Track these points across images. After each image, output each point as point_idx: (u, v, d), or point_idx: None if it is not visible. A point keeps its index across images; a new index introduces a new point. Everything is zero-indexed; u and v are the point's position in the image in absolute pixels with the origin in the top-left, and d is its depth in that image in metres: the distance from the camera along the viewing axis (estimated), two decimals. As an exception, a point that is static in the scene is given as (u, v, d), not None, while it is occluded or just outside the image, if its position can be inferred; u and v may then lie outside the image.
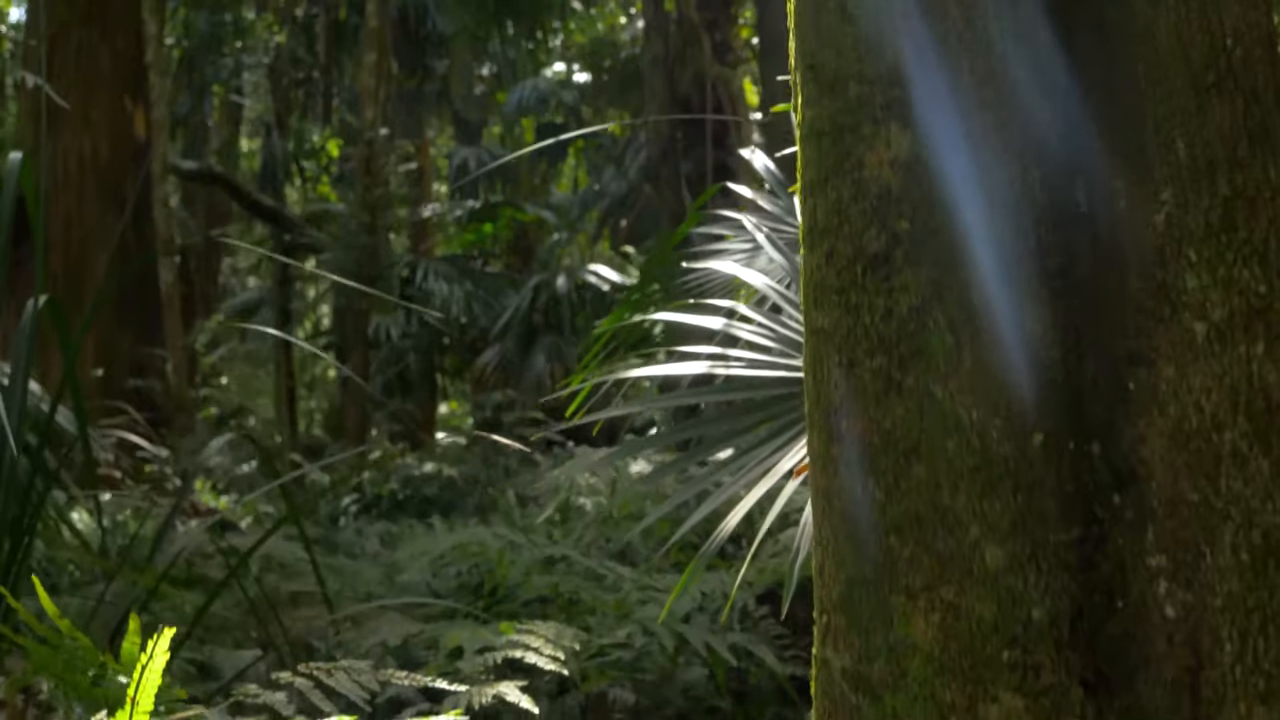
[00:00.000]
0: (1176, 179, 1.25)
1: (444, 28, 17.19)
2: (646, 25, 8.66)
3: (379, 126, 10.98)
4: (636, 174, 13.83)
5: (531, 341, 12.29)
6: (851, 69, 1.33)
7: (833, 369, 1.33)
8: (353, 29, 17.90)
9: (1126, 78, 1.28)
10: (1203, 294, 1.23)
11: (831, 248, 1.34)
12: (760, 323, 2.47)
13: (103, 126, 11.60)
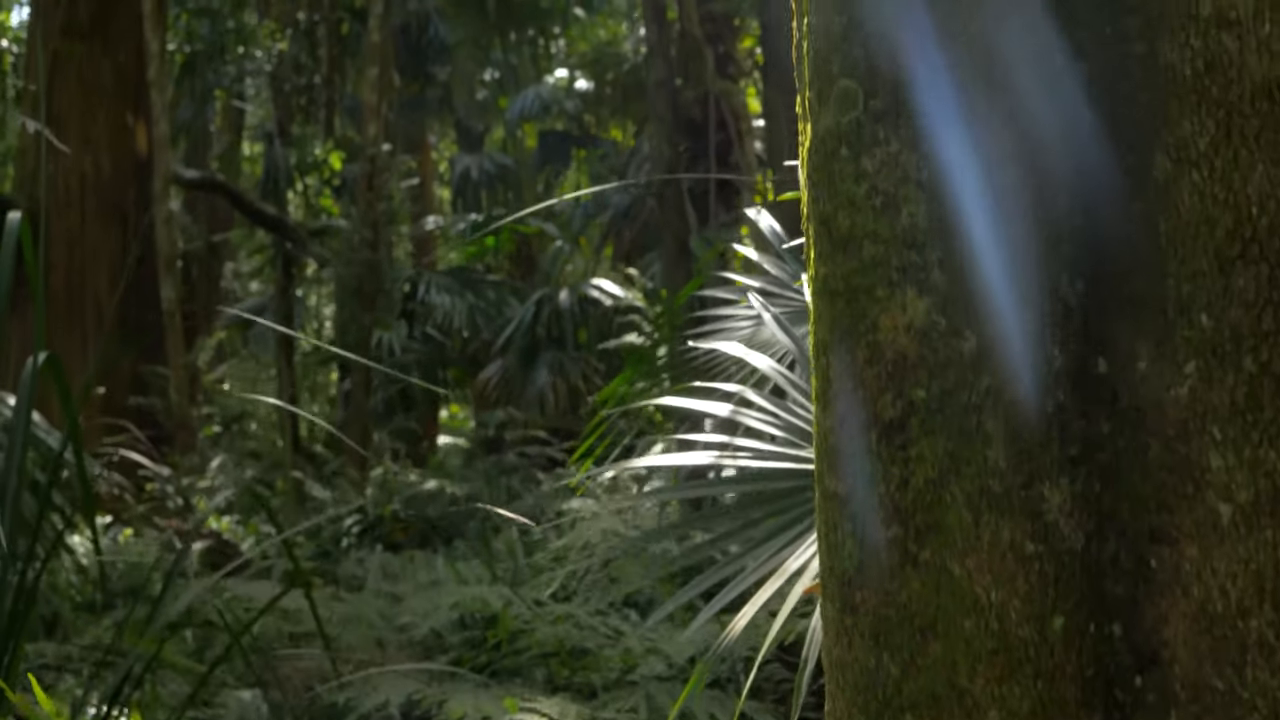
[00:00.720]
0: (1200, 352, 1.22)
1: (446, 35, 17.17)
2: (649, 48, 8.63)
3: (381, 142, 10.94)
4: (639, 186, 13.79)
5: (533, 356, 12.27)
6: (866, 228, 1.30)
7: (846, 537, 1.30)
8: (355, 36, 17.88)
9: (1148, 236, 1.25)
10: (1228, 474, 1.20)
11: (846, 411, 1.31)
12: (767, 409, 2.44)
13: (104, 143, 11.57)
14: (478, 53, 17.20)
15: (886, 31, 1.30)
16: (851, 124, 1.31)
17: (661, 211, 8.44)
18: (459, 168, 17.54)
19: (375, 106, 11.07)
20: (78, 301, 11.45)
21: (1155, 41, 1.26)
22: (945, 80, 1.27)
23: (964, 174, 1.25)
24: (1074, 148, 1.25)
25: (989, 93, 1.26)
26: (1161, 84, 1.25)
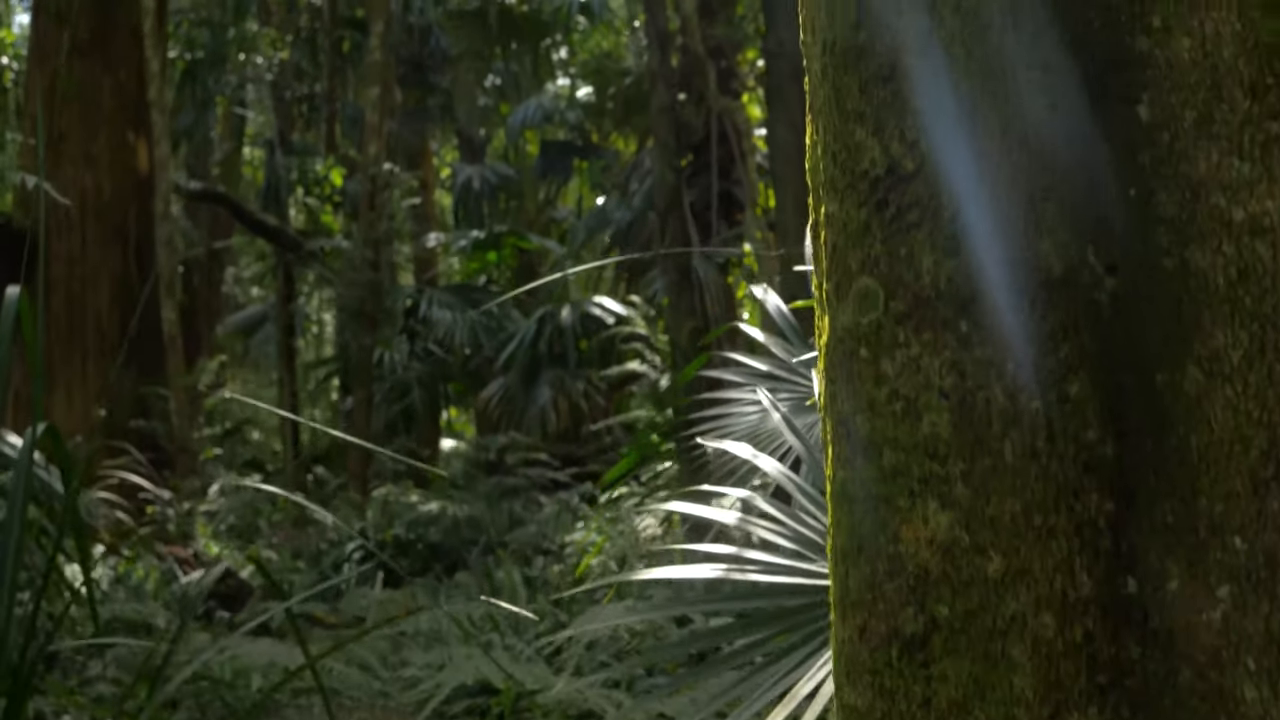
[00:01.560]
0: (1233, 576, 1.18)
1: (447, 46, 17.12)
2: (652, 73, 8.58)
3: (382, 161, 10.90)
4: (641, 201, 13.75)
5: (535, 375, 12.23)
6: (886, 433, 1.26)
7: (866, 755, 1.26)
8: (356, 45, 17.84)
9: (1179, 452, 1.21)
10: (1262, 707, 1.16)
11: (864, 623, 1.27)
12: (776, 518, 2.40)
13: (104, 161, 11.53)
14: (479, 64, 17.14)
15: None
16: (871, 325, 1.27)
17: (663, 238, 8.39)
18: (460, 178, 17.49)
19: (377, 125, 11.02)
20: (78, 320, 11.41)
21: (1186, 249, 1.22)
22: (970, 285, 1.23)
23: (990, 387, 1.21)
24: (1106, 366, 1.21)
25: (1014, 302, 1.22)
26: (1193, 293, 1.21)
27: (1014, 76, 1.23)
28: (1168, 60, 1.24)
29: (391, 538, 9.29)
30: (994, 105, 1.23)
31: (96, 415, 10.69)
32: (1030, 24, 1.24)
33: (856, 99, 1.30)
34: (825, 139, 1.33)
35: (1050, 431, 1.20)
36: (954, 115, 1.24)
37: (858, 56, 1.30)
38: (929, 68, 1.26)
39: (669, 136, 8.25)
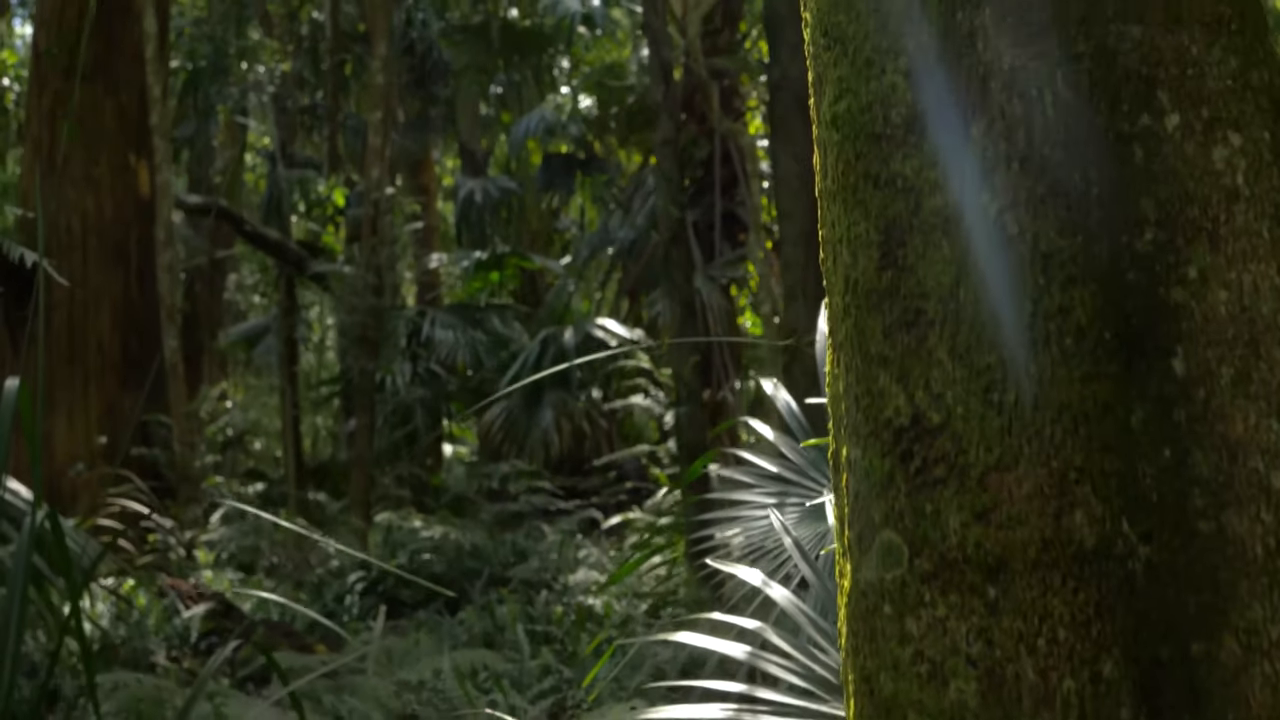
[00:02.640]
0: None
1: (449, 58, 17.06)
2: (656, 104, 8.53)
3: (385, 185, 10.85)
4: (644, 219, 13.70)
5: (538, 397, 12.19)
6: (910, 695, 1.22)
7: None
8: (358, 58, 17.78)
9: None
10: None
11: None
12: (790, 654, 2.35)
13: (106, 183, 11.47)
14: (482, 77, 17.08)
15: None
16: (895, 581, 1.23)
17: (666, 270, 8.35)
18: (462, 191, 17.42)
19: (379, 149, 10.97)
20: (80, 344, 11.37)
21: (1223, 514, 1.18)
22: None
23: (1020, 661, 1.17)
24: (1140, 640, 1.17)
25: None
26: (1229, 561, 1.17)
27: (1045, 340, 1.19)
28: (1204, 314, 1.20)
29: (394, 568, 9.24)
30: (1024, 368, 1.19)
31: (97, 441, 10.65)
32: (1060, 278, 1.19)
33: (880, 342, 1.26)
34: (848, 379, 1.29)
35: (1082, 712, 1.15)
36: (981, 373, 1.20)
37: (881, 299, 1.26)
38: (955, 317, 1.22)
39: (672, 169, 8.20)
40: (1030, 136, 1.20)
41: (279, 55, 18.58)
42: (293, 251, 15.12)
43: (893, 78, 1.27)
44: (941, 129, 1.24)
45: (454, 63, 16.35)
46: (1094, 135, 1.21)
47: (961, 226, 1.22)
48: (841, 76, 1.31)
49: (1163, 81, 1.22)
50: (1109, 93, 1.21)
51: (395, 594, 9.23)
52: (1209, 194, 1.21)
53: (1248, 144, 1.22)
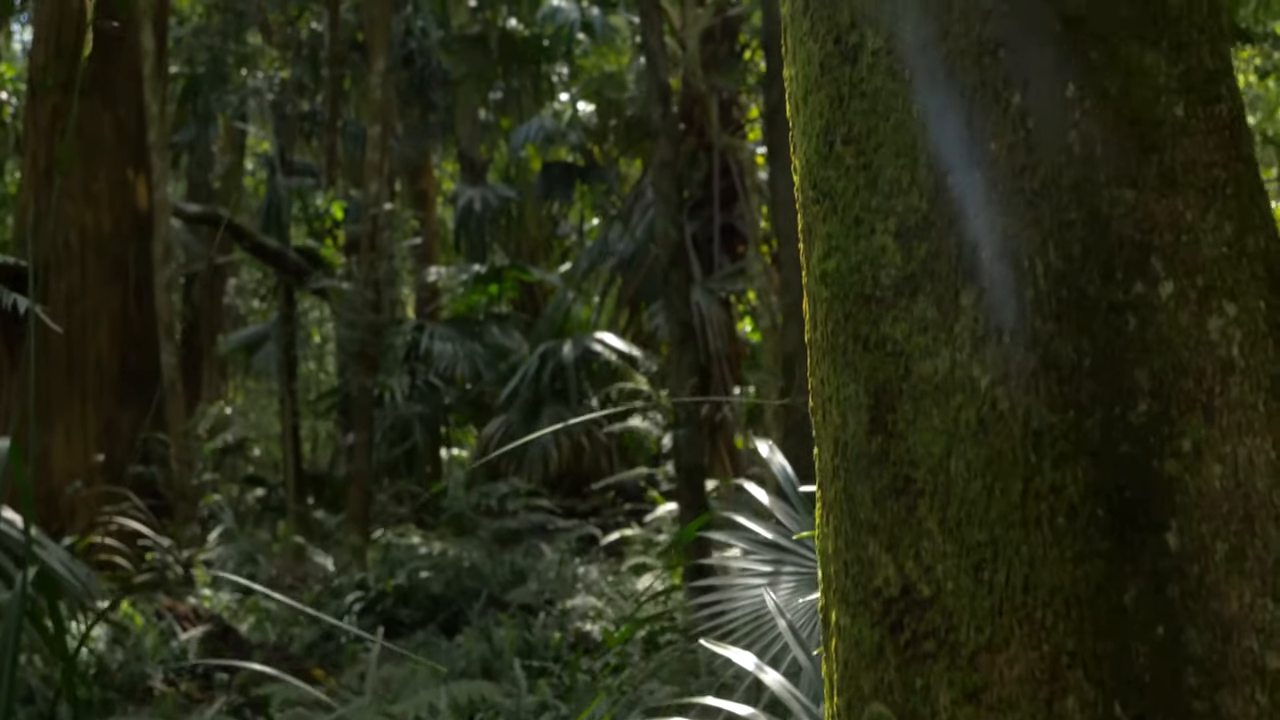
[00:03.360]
0: None
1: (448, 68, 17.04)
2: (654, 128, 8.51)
3: (383, 200, 10.83)
4: (643, 232, 13.69)
5: (537, 411, 12.17)
6: None
7: None
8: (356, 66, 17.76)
9: None
10: None
11: None
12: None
13: (105, 198, 11.45)
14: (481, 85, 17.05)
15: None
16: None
17: (666, 291, 8.33)
18: (462, 200, 17.41)
19: (378, 164, 10.95)
20: (78, 360, 11.35)
21: (1217, 694, 1.16)
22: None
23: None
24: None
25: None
26: (1224, 744, 1.15)
27: (1036, 520, 1.17)
28: (1198, 487, 1.18)
29: (393, 588, 9.23)
30: (1014, 548, 1.17)
31: (95, 458, 10.63)
32: (1052, 455, 1.18)
33: (869, 509, 1.24)
34: (837, 543, 1.27)
35: None
36: (972, 550, 1.18)
37: (870, 464, 1.24)
38: (946, 489, 1.20)
39: (671, 191, 8.17)
40: (1022, 308, 1.19)
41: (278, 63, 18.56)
42: (292, 261, 15.10)
43: (883, 239, 1.25)
44: (932, 296, 1.22)
45: (453, 72, 16.32)
46: (1086, 304, 1.19)
47: (952, 398, 1.20)
48: (831, 233, 1.29)
49: (1157, 248, 1.20)
50: (1102, 260, 1.19)
51: (393, 614, 9.22)
52: (1204, 365, 1.19)
53: (1243, 314, 1.20)
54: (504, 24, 17.04)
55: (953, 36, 1.23)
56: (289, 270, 15.13)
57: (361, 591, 9.28)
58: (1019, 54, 1.21)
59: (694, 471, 8.27)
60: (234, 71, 18.25)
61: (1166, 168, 1.21)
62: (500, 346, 13.83)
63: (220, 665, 8.23)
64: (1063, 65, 1.21)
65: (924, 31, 1.24)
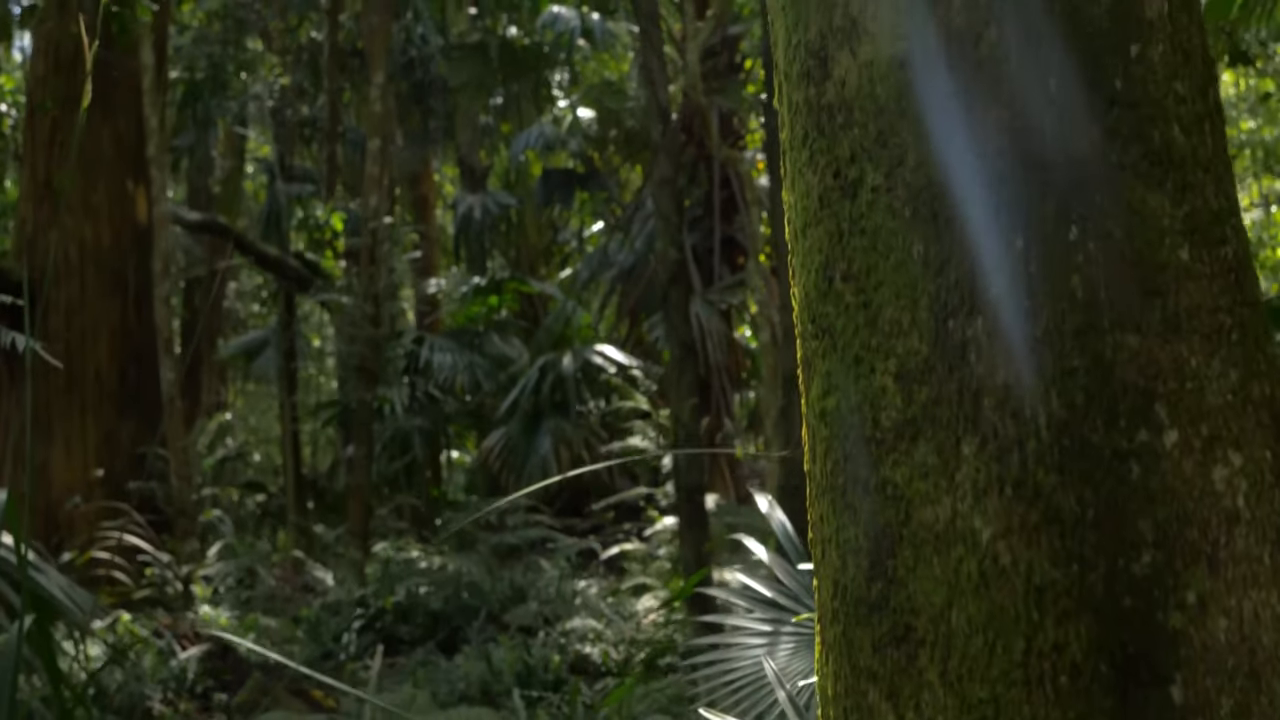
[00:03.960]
0: None
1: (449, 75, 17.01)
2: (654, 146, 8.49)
3: (383, 214, 10.81)
4: (643, 243, 13.67)
5: (537, 424, 12.16)
6: None
7: None
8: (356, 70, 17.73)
9: None
10: None
11: None
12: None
13: (104, 210, 11.44)
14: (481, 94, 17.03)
15: None
16: None
17: (665, 311, 8.31)
18: (461, 208, 17.38)
19: (377, 177, 10.93)
20: (78, 373, 11.33)
21: None
22: None
23: None
24: None
25: None
26: None
27: (1039, 679, 1.15)
28: (1203, 641, 1.16)
29: (392, 605, 9.22)
30: (1016, 708, 1.15)
31: (95, 472, 10.61)
32: (1054, 613, 1.16)
33: (869, 656, 1.22)
34: (836, 687, 1.25)
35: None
36: (974, 707, 1.16)
37: (870, 610, 1.22)
38: (947, 641, 1.18)
39: (671, 210, 8.15)
40: (1024, 461, 1.17)
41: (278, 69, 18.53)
42: (292, 268, 15.09)
43: (883, 379, 1.23)
44: (933, 442, 1.20)
45: (452, 79, 16.30)
46: (1090, 454, 1.17)
47: (954, 548, 1.18)
48: (830, 371, 1.27)
49: (1161, 395, 1.18)
50: (1105, 408, 1.18)
51: (393, 631, 9.21)
52: (1208, 516, 1.17)
53: (1248, 464, 1.19)
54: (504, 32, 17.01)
55: (954, 180, 1.21)
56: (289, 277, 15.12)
57: (361, 609, 9.26)
58: (1022, 197, 1.20)
59: (694, 491, 8.25)
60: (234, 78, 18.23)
61: (1171, 312, 1.19)
62: (500, 355, 13.80)
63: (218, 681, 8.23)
64: (1066, 208, 1.19)
65: (925, 173, 1.22)
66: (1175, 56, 1.25)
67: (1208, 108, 1.26)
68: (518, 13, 17.27)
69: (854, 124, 1.27)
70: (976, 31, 1.22)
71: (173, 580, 9.92)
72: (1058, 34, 1.22)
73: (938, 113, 1.22)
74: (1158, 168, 1.22)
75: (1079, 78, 1.21)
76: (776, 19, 1.35)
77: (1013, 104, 1.20)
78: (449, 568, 10.28)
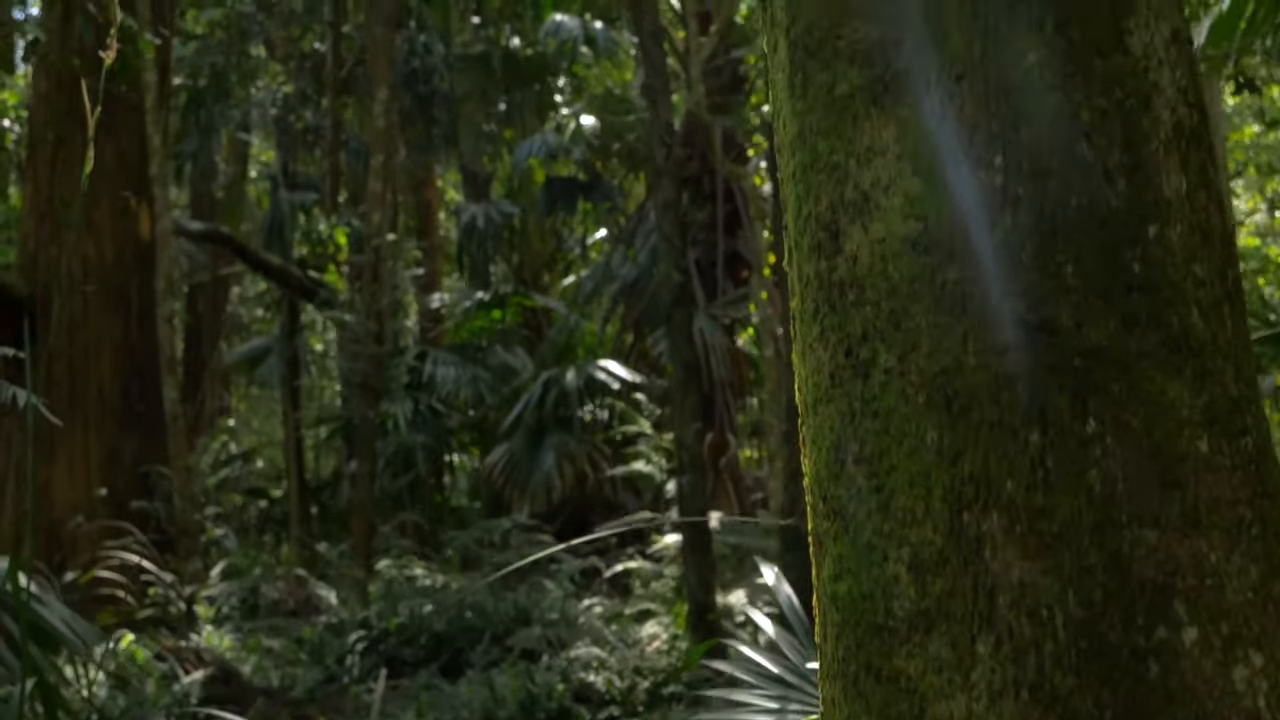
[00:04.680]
0: None
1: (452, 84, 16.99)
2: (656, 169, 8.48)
3: (385, 231, 10.80)
4: (647, 257, 13.65)
5: (540, 439, 12.14)
6: None
7: None
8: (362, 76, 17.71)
9: None
10: None
11: None
12: None
13: (107, 228, 11.41)
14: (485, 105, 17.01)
15: None
16: None
17: (669, 335, 8.29)
18: (464, 217, 17.36)
19: (380, 194, 10.91)
20: (80, 390, 11.31)
21: None
22: None
23: None
24: None
25: None
26: None
27: None
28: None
29: (395, 627, 9.21)
30: None
31: (97, 491, 10.60)
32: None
33: None
34: None
35: None
36: None
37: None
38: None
39: (674, 234, 8.13)
40: (1041, 663, 1.15)
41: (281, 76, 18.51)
42: (295, 278, 15.08)
43: (895, 568, 1.21)
44: (947, 636, 1.18)
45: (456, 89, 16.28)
46: (1108, 653, 1.15)
47: (969, 749, 1.16)
48: (842, 554, 1.25)
49: (1180, 591, 1.16)
50: (1123, 605, 1.15)
51: (396, 652, 9.20)
52: (1229, 716, 1.15)
53: (1269, 664, 1.16)
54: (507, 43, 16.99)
55: (968, 370, 1.19)
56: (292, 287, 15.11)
57: (364, 630, 9.25)
58: (1037, 390, 1.17)
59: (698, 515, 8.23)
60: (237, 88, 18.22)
61: (1190, 505, 1.17)
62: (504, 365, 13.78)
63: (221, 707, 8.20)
64: (1083, 400, 1.17)
65: (939, 360, 1.20)
66: (1194, 237, 1.22)
67: (1227, 290, 1.23)
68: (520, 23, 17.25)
69: (866, 302, 1.25)
70: (992, 217, 1.20)
71: (176, 600, 9.91)
72: (1074, 219, 1.19)
73: (952, 300, 1.20)
74: (1176, 355, 1.19)
75: (1096, 263, 1.19)
76: (787, 187, 1.33)
77: (1029, 293, 1.18)
78: (453, 586, 10.27)
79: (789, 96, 1.33)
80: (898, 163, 1.24)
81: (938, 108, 1.22)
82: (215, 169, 22.28)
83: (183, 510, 10.11)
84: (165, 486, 10.47)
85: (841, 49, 1.28)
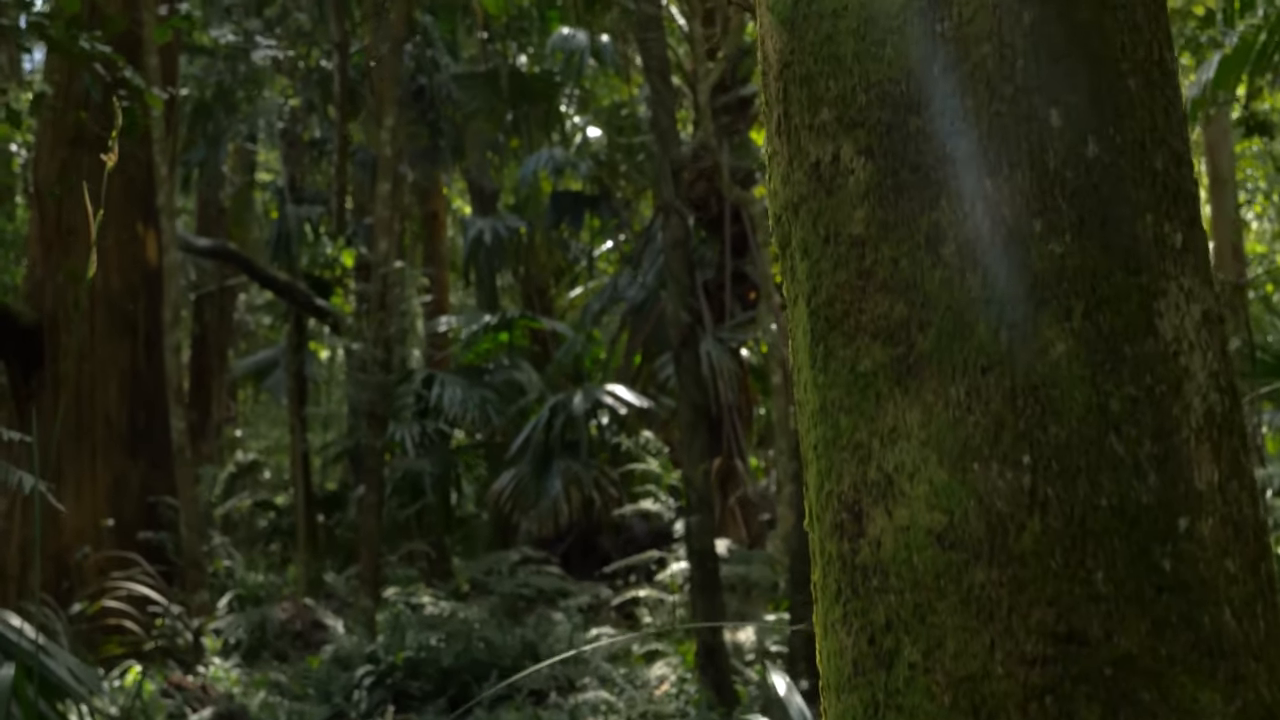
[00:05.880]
0: None
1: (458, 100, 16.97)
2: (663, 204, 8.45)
3: (393, 259, 10.78)
4: (654, 279, 13.62)
5: (548, 464, 12.13)
6: None
7: None
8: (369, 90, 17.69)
9: None
10: None
11: None
12: None
13: (114, 254, 11.41)
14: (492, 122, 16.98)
15: None
16: None
17: (678, 373, 8.27)
18: (471, 232, 17.34)
19: (388, 221, 10.90)
20: (87, 416, 11.31)
21: None
22: None
23: None
24: None
25: None
26: None
27: None
28: None
29: (403, 660, 9.19)
30: None
31: (105, 520, 10.60)
32: None
33: None
34: None
35: None
36: None
37: None
38: None
39: (682, 272, 8.11)
40: None
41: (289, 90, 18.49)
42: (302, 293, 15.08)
43: None
44: None
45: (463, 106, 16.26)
46: None
47: None
48: None
49: None
50: None
51: (403, 686, 9.19)
52: None
53: None
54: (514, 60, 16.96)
55: (995, 678, 1.16)
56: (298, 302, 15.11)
57: (371, 665, 9.24)
58: (1066, 701, 1.15)
59: (706, 556, 8.22)
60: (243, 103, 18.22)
61: None
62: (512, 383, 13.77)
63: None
64: (1114, 711, 1.14)
65: (965, 664, 1.17)
66: (1226, 530, 1.20)
67: (1260, 586, 1.21)
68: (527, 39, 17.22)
69: (890, 590, 1.22)
70: (1020, 520, 1.17)
71: (183, 632, 9.91)
72: (1105, 520, 1.17)
73: (979, 604, 1.17)
74: (1208, 659, 1.17)
75: (1127, 566, 1.16)
76: (809, 464, 1.30)
77: (1059, 602, 1.16)
78: (460, 615, 10.26)
79: (810, 367, 1.30)
80: (922, 449, 1.21)
81: (963, 398, 1.19)
82: (222, 178, 22.30)
83: (189, 541, 10.10)
84: (172, 516, 10.46)
85: (864, 324, 1.25)
